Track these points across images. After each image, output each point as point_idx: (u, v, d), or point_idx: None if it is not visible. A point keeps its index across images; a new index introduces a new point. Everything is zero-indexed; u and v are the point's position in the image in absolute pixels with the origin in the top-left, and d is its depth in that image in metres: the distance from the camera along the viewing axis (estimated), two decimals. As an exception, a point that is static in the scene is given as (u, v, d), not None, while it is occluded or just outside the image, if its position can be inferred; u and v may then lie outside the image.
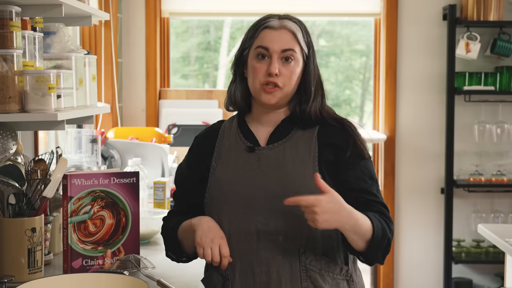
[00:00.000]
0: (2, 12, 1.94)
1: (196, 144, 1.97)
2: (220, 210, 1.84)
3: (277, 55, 1.81)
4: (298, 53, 1.82)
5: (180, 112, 4.41)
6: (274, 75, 1.80)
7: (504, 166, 4.54)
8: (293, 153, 1.83)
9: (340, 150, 1.82)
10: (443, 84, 4.51)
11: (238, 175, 1.83)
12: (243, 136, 1.89)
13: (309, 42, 1.86)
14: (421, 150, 4.57)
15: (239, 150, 1.87)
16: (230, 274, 1.82)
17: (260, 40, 1.83)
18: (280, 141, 1.85)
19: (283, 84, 1.81)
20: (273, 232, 1.79)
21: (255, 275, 1.80)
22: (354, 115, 5.34)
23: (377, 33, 4.65)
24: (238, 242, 1.81)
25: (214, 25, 5.44)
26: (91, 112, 2.37)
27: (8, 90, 1.94)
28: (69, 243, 2.10)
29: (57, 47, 2.28)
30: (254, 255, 1.80)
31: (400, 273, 4.63)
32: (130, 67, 4.50)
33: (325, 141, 1.84)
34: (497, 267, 4.53)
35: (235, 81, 1.91)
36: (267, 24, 1.83)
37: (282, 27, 1.82)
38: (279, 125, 1.88)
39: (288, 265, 1.79)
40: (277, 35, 1.81)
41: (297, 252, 1.79)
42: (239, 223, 1.81)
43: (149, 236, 2.60)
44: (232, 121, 1.94)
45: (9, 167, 2.07)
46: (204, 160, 1.91)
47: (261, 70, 1.82)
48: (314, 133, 1.85)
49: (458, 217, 4.56)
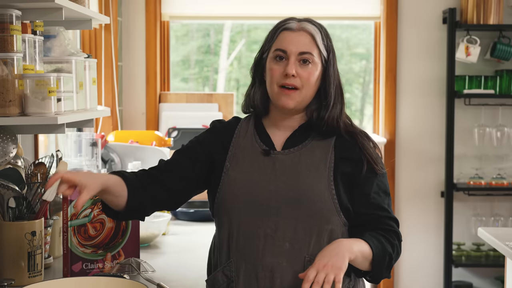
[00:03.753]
0: (3, 15, 1.94)
1: (215, 128, 1.94)
2: (230, 211, 1.83)
3: (294, 57, 1.80)
4: (316, 56, 1.82)
5: (180, 115, 4.41)
6: (290, 76, 1.79)
7: (504, 170, 4.54)
8: (308, 161, 1.82)
9: (356, 165, 1.83)
10: (443, 87, 4.51)
11: (252, 177, 1.83)
12: (259, 138, 1.88)
13: (329, 46, 1.85)
14: (421, 153, 4.57)
15: (254, 152, 1.86)
16: (235, 276, 1.82)
17: (279, 43, 1.83)
18: (296, 147, 1.85)
19: (301, 85, 1.81)
20: (280, 238, 1.79)
21: (259, 280, 1.80)
22: (354, 118, 5.34)
23: (377, 36, 4.65)
24: (245, 244, 1.81)
25: (214, 28, 5.44)
26: (91, 115, 2.37)
27: (8, 93, 1.94)
28: (69, 247, 2.10)
29: (57, 50, 2.28)
30: (259, 259, 1.80)
31: (401, 277, 4.62)
32: (130, 71, 4.50)
33: (341, 154, 1.84)
34: (497, 270, 4.52)
35: (254, 85, 1.91)
36: (286, 26, 1.83)
37: (301, 29, 1.83)
38: (296, 131, 1.87)
39: (292, 273, 1.79)
40: (296, 37, 1.81)
41: (302, 260, 1.79)
42: (248, 226, 1.81)
43: (149, 240, 2.60)
44: (249, 122, 1.93)
45: (9, 171, 2.07)
46: (218, 147, 1.89)
47: (278, 71, 1.81)
48: (331, 143, 1.85)
49: (458, 221, 4.56)
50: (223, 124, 1.96)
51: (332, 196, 1.79)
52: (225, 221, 1.85)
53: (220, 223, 1.87)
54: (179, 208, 3.18)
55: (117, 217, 1.87)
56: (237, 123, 1.94)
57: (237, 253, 1.82)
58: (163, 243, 2.67)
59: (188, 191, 1.91)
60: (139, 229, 2.22)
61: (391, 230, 1.81)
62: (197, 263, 2.29)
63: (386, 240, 1.78)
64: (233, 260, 1.82)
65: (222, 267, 1.84)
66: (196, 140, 1.93)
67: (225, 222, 1.85)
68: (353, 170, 1.83)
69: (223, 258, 1.85)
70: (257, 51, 1.91)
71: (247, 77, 1.96)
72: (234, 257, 1.82)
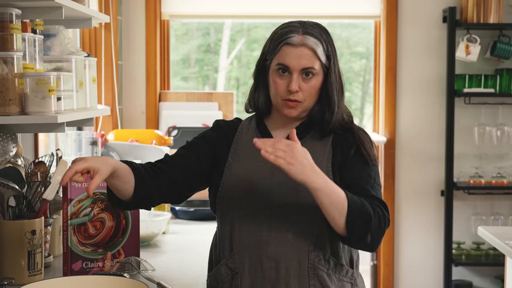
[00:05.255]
0: (2, 14, 1.94)
1: (219, 125, 1.98)
2: (232, 204, 1.86)
3: (297, 73, 1.84)
4: (318, 68, 1.85)
5: (180, 114, 4.41)
6: (294, 92, 1.83)
7: (504, 169, 4.54)
8: (309, 153, 1.84)
9: (347, 151, 1.86)
10: (443, 86, 4.51)
11: (254, 171, 1.86)
12: (261, 136, 1.92)
13: (329, 53, 1.87)
14: (421, 152, 4.57)
15: (256, 148, 1.88)
16: (239, 268, 1.83)
17: (281, 58, 1.84)
18: None
19: (303, 99, 1.85)
20: (283, 228, 1.81)
21: (264, 270, 1.82)
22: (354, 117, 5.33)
23: (377, 35, 4.65)
24: (248, 236, 1.83)
25: (214, 27, 5.44)
26: (91, 114, 2.37)
27: (8, 92, 1.94)
28: (69, 246, 2.10)
29: (57, 49, 2.28)
30: (263, 250, 1.82)
31: (400, 276, 4.62)
32: (130, 69, 4.50)
33: (338, 144, 1.87)
34: (497, 269, 4.52)
35: (258, 87, 1.94)
36: (287, 40, 1.84)
37: (302, 44, 1.83)
38: (297, 128, 1.91)
39: (296, 262, 1.81)
40: (297, 52, 1.83)
41: (306, 250, 1.81)
42: (251, 217, 1.83)
43: (149, 239, 2.60)
44: (251, 121, 1.98)
45: (9, 170, 2.07)
46: (222, 143, 1.93)
47: (282, 86, 1.85)
48: (330, 138, 1.90)
49: (458, 220, 4.56)
50: (227, 123, 2.00)
51: None
52: (227, 215, 1.87)
53: (223, 216, 1.89)
54: (179, 207, 3.19)
55: (120, 205, 1.88)
56: (239, 123, 1.99)
57: (240, 245, 1.84)
58: (163, 242, 2.67)
59: (192, 185, 1.92)
60: (139, 228, 2.22)
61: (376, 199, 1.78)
62: (197, 262, 2.29)
63: (368, 203, 1.75)
64: (237, 252, 1.84)
65: (225, 260, 1.86)
66: (201, 136, 1.97)
67: (227, 216, 1.87)
68: (345, 156, 1.85)
69: (226, 252, 1.86)
70: (257, 50, 1.93)
71: (247, 76, 1.98)
72: (237, 249, 1.84)
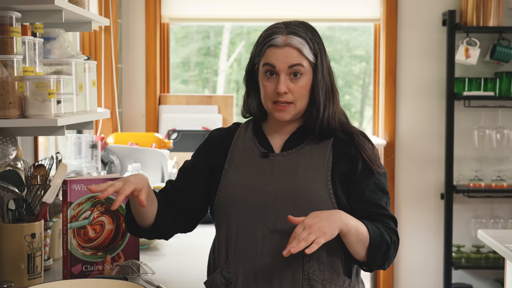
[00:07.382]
0: (2, 17, 1.94)
1: (212, 138, 1.97)
2: (228, 213, 1.84)
3: (284, 74, 1.81)
4: (306, 66, 1.82)
5: (180, 117, 4.41)
6: (282, 94, 1.80)
7: (503, 172, 4.54)
8: (307, 161, 1.83)
9: (353, 163, 1.83)
10: (442, 89, 4.51)
11: (250, 180, 1.84)
12: (258, 142, 1.90)
13: (316, 51, 1.83)
14: (421, 155, 4.57)
15: (253, 155, 1.88)
16: (233, 278, 1.82)
17: (267, 58, 1.82)
18: (294, 149, 1.86)
19: (294, 100, 1.82)
20: (278, 238, 1.79)
21: (257, 281, 1.80)
22: (354, 120, 5.34)
23: (377, 38, 4.65)
24: (244, 246, 1.82)
25: (214, 30, 5.44)
26: (91, 117, 2.37)
27: (8, 95, 1.94)
28: (69, 249, 2.10)
29: (57, 52, 2.28)
30: (258, 260, 1.80)
31: (400, 279, 4.62)
32: (130, 73, 4.50)
33: (339, 153, 1.84)
34: (497, 272, 4.52)
35: (250, 93, 1.92)
36: (271, 42, 1.82)
37: (286, 44, 1.81)
38: (294, 133, 1.89)
39: (291, 273, 1.79)
40: (282, 53, 1.80)
41: (301, 261, 1.79)
42: (247, 227, 1.82)
43: (149, 242, 2.60)
44: (248, 126, 1.95)
45: (8, 173, 2.06)
46: (217, 155, 1.92)
47: (270, 88, 1.82)
48: (329, 144, 1.86)
49: (458, 223, 4.56)
50: (222, 131, 1.98)
51: (329, 195, 1.80)
52: (223, 223, 1.85)
53: (219, 225, 1.88)
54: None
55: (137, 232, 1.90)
56: (236, 129, 1.96)
57: (235, 255, 1.82)
58: (162, 245, 2.67)
59: (200, 208, 1.93)
60: (139, 231, 2.21)
61: (389, 227, 1.81)
62: (197, 265, 2.29)
63: (384, 230, 1.78)
64: (232, 262, 1.83)
65: (220, 269, 1.84)
66: (195, 154, 1.97)
67: (223, 224, 1.85)
68: (350, 168, 1.83)
69: (222, 260, 1.85)
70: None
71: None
72: (232, 259, 1.83)
